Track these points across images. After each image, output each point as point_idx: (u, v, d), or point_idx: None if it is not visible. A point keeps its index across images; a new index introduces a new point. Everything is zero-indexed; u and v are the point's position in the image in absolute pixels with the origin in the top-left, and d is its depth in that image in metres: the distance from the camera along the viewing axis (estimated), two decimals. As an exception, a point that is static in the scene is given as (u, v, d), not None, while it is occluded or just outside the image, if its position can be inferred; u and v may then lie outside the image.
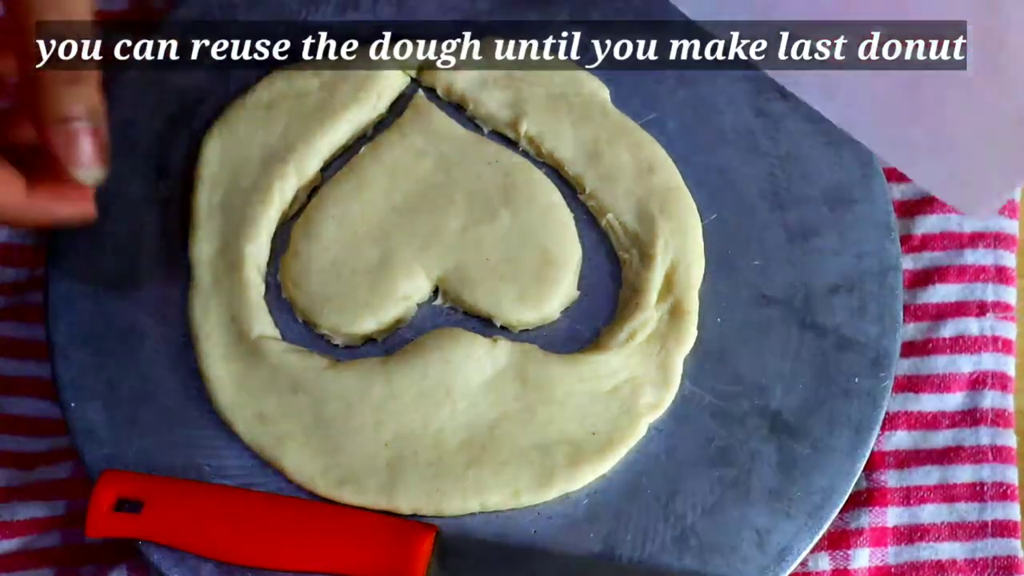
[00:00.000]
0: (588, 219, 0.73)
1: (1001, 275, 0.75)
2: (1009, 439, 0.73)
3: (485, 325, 0.71)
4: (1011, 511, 0.72)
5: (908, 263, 0.75)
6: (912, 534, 0.72)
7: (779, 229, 0.73)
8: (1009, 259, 0.75)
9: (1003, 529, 0.72)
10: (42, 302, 0.72)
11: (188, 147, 0.74)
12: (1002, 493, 0.72)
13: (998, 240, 0.75)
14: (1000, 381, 0.73)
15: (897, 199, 0.76)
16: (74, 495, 0.73)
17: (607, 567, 0.68)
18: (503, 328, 0.71)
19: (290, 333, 0.71)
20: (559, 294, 0.71)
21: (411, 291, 0.71)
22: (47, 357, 0.71)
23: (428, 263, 0.71)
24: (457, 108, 0.74)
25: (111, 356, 0.71)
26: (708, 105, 0.74)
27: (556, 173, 0.73)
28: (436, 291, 0.72)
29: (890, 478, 0.72)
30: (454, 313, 0.71)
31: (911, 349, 0.72)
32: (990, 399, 0.73)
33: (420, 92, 0.74)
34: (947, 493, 0.72)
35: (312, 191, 0.73)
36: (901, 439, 0.73)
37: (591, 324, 0.71)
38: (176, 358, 0.71)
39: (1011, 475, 0.72)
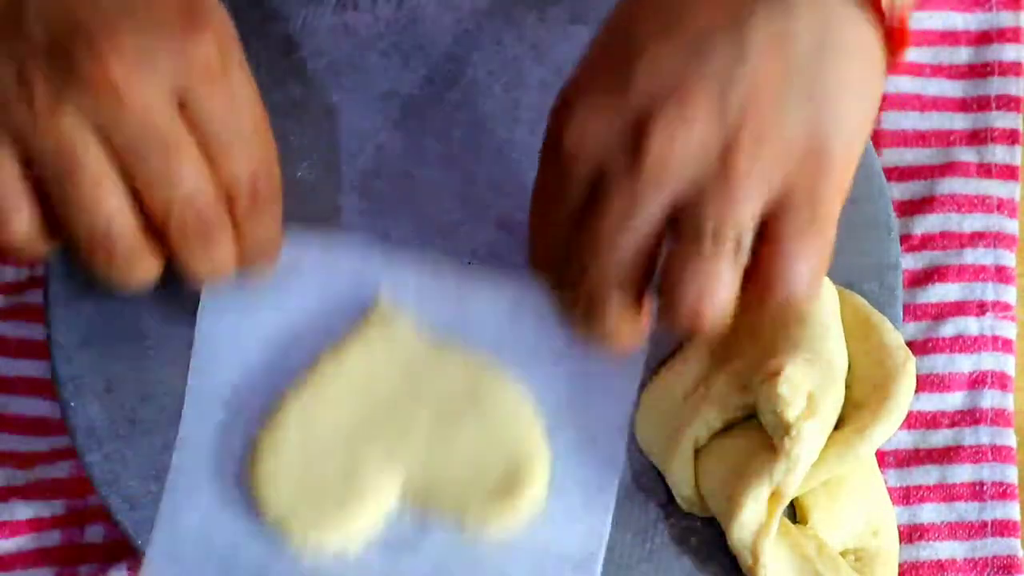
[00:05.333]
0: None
1: (1001, 275, 0.75)
2: (1009, 439, 0.73)
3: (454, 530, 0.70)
4: (1011, 511, 0.72)
5: (908, 263, 0.75)
6: (912, 534, 0.72)
7: (779, 229, 0.73)
8: (1009, 259, 0.75)
9: (1003, 528, 0.72)
10: (42, 302, 0.72)
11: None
12: (1002, 492, 0.72)
13: (998, 240, 0.75)
14: (1000, 381, 0.74)
15: (897, 199, 0.76)
16: (74, 495, 0.74)
17: None
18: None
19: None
20: (524, 505, 0.69)
21: (379, 499, 0.69)
22: (47, 357, 0.71)
23: (394, 472, 0.69)
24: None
25: (111, 356, 0.71)
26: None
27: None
28: (403, 494, 0.70)
29: (890, 478, 0.72)
30: (421, 525, 0.69)
31: (911, 349, 0.72)
32: (990, 399, 0.73)
33: (383, 296, 0.72)
34: (947, 492, 0.72)
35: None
36: (901, 438, 0.73)
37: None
38: (176, 358, 0.70)
39: (1011, 475, 0.72)
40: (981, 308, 0.75)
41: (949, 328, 0.74)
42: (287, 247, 0.70)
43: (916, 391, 0.67)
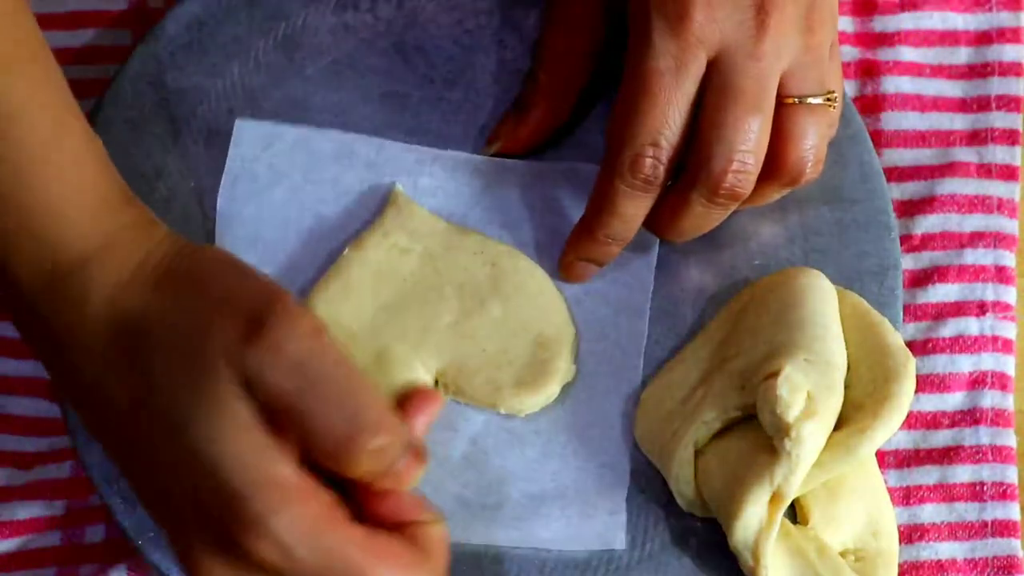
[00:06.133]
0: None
1: (1001, 275, 0.75)
2: (1009, 439, 0.73)
3: (490, 410, 0.71)
4: (1011, 511, 0.72)
5: (908, 263, 0.75)
6: (912, 534, 0.72)
7: (779, 229, 0.73)
8: (1009, 259, 0.75)
9: (1003, 529, 0.72)
10: (42, 302, 0.72)
11: (187, 146, 0.74)
12: (1002, 493, 0.72)
13: (998, 240, 0.75)
14: (1000, 381, 0.73)
15: (897, 199, 0.76)
16: (74, 495, 0.73)
17: None
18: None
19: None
20: (556, 377, 0.71)
21: (411, 382, 0.70)
22: (47, 357, 0.71)
23: (425, 358, 0.71)
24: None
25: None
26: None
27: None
28: (436, 383, 0.71)
29: (890, 478, 0.72)
30: (457, 405, 0.71)
31: (911, 349, 0.72)
32: (990, 399, 0.73)
33: (398, 187, 0.73)
34: (947, 493, 0.72)
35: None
36: (901, 439, 0.73)
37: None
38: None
39: (1011, 475, 0.72)
40: (981, 308, 0.75)
41: (949, 328, 0.74)
42: (303, 142, 0.73)
43: (916, 391, 0.67)
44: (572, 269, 0.72)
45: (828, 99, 0.68)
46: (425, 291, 0.72)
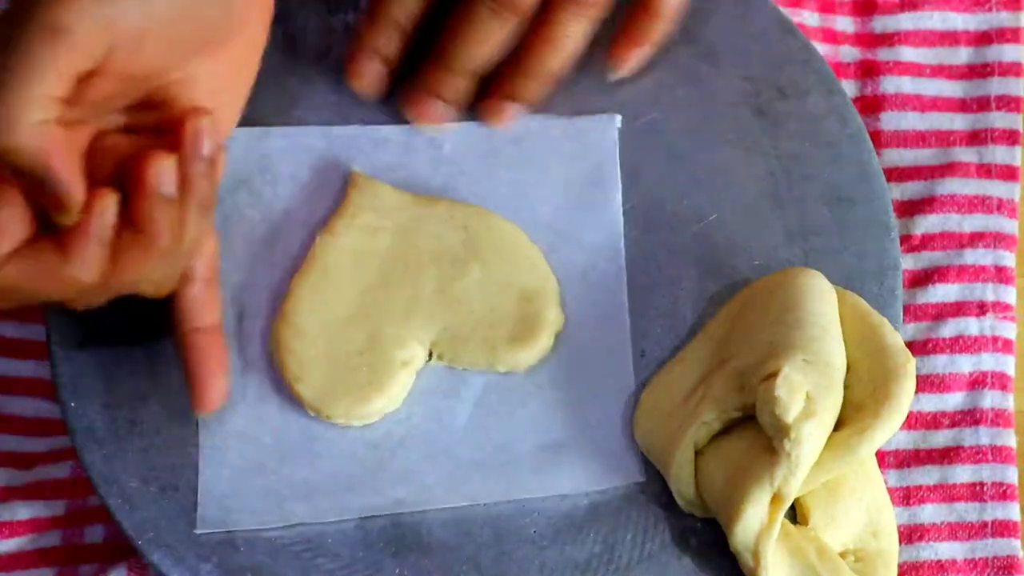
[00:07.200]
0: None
1: (1001, 275, 0.75)
2: (1009, 439, 0.73)
3: (488, 372, 0.71)
4: (1011, 511, 0.72)
5: (908, 263, 0.75)
6: (912, 534, 0.72)
7: (779, 229, 0.73)
8: (1009, 259, 0.75)
9: (1003, 529, 0.72)
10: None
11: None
12: (1002, 493, 0.72)
13: (998, 240, 0.75)
14: (1000, 381, 0.74)
15: (897, 199, 0.76)
16: (74, 495, 0.74)
17: None
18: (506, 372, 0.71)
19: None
20: (548, 328, 0.71)
21: (408, 358, 0.71)
22: (47, 357, 0.71)
23: (416, 332, 0.71)
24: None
25: (111, 356, 0.71)
26: (708, 105, 0.74)
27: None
28: (431, 355, 0.71)
29: (890, 478, 0.72)
30: (456, 372, 0.71)
31: (911, 349, 0.72)
32: (990, 399, 0.73)
33: (356, 169, 0.74)
34: (947, 493, 0.72)
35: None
36: (901, 439, 0.73)
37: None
38: (176, 358, 0.70)
39: (1011, 475, 0.72)
40: (981, 308, 0.75)
41: (949, 329, 0.74)
42: (253, 144, 0.73)
43: (916, 391, 0.67)
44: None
45: None
46: (404, 265, 0.72)
